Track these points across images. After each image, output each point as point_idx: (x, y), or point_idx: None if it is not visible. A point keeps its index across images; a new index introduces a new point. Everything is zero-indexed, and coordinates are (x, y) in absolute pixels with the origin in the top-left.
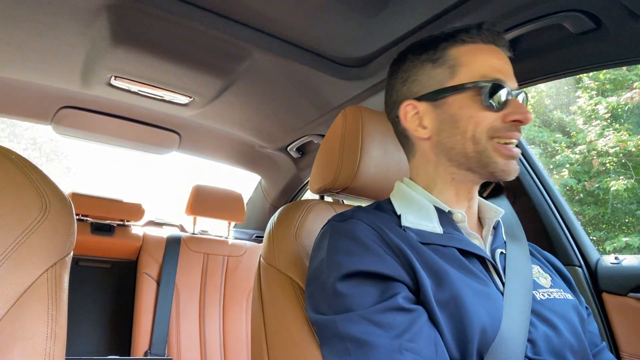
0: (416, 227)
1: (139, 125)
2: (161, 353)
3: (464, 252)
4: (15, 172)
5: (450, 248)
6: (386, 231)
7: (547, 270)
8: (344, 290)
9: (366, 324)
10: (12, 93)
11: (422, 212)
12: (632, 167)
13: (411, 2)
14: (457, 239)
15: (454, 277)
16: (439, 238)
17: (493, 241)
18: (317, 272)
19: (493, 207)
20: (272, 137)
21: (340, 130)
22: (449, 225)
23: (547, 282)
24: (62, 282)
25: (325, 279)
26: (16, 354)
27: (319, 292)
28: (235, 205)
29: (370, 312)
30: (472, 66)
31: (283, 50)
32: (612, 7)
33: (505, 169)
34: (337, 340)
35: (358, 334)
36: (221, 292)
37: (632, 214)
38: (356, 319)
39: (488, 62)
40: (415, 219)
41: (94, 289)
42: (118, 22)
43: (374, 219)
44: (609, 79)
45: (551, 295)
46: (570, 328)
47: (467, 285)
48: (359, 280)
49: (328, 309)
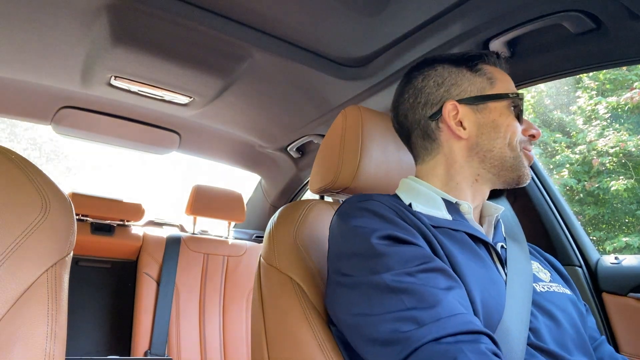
0: (427, 212)
1: (139, 125)
2: (161, 353)
3: (473, 237)
4: (15, 172)
5: (460, 232)
6: (404, 211)
7: (546, 267)
8: (382, 249)
9: (415, 279)
10: (12, 93)
11: (430, 202)
12: (632, 167)
13: (411, 2)
14: (465, 224)
15: (462, 262)
16: (448, 223)
17: (493, 236)
18: (344, 245)
19: (493, 205)
20: (272, 137)
21: (340, 130)
22: (457, 216)
23: (547, 277)
24: (62, 282)
25: (357, 245)
26: (16, 354)
27: (350, 259)
28: (235, 205)
29: (414, 270)
30: (504, 83)
31: (283, 50)
32: (612, 7)
33: (528, 174)
34: (387, 294)
35: (410, 285)
36: (221, 292)
37: (632, 214)
38: (403, 275)
39: (510, 83)
40: (424, 207)
41: (94, 289)
42: (118, 22)
43: (389, 201)
44: (609, 79)
45: (551, 289)
46: (570, 321)
47: (472, 269)
48: (394, 242)
49: (366, 271)
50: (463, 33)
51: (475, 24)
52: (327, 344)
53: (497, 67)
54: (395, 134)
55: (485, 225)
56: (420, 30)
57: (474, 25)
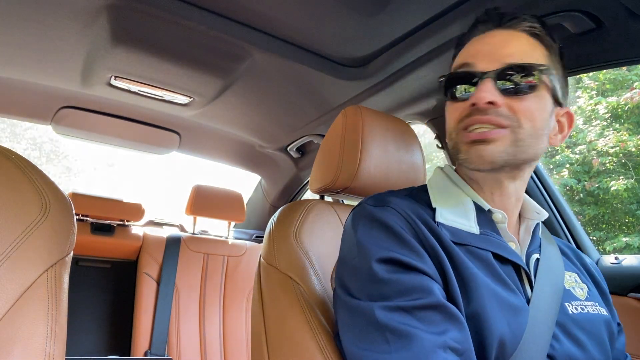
0: (451, 224)
1: (139, 125)
2: (161, 353)
3: (500, 258)
4: (15, 172)
5: (485, 251)
6: (419, 225)
7: (585, 279)
8: (381, 274)
9: (407, 316)
10: (12, 93)
11: (460, 208)
12: (632, 167)
13: (411, 2)
14: (494, 242)
15: (482, 287)
16: (474, 239)
17: (530, 243)
18: (348, 256)
19: (536, 207)
20: (272, 137)
21: (341, 130)
22: (487, 226)
23: (583, 294)
24: (62, 282)
25: (358, 262)
26: (16, 354)
27: (350, 274)
28: (235, 205)
29: (410, 305)
30: (454, 64)
31: (283, 50)
32: (612, 7)
33: (466, 157)
34: (374, 329)
35: (398, 325)
36: (221, 292)
37: (632, 214)
38: (396, 309)
39: (466, 51)
40: (451, 214)
41: (94, 289)
42: (118, 22)
43: (407, 209)
44: (609, 79)
45: (585, 310)
46: (599, 346)
47: (494, 295)
48: (395, 268)
49: (362, 293)
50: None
51: None
52: (327, 344)
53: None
54: (395, 134)
55: (522, 231)
56: (420, 30)
57: None
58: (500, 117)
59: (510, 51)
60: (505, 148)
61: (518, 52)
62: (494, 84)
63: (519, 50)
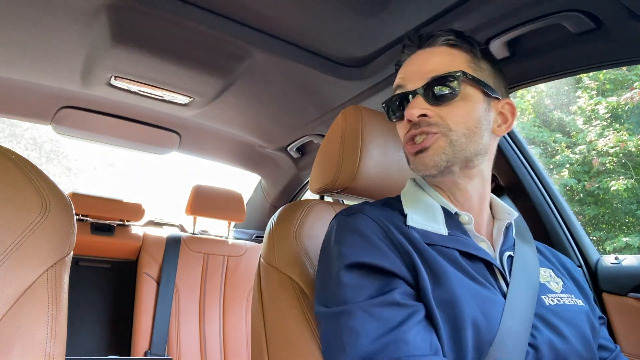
0: (421, 227)
1: (139, 125)
2: (161, 353)
3: (468, 255)
4: (15, 172)
5: (452, 250)
6: (391, 228)
7: (560, 274)
8: (346, 280)
9: (362, 315)
10: (12, 93)
11: (429, 212)
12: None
13: (411, 2)
14: (461, 241)
15: (453, 277)
16: (442, 239)
17: (503, 242)
18: (323, 264)
19: (507, 208)
20: (272, 137)
21: (341, 130)
22: (455, 228)
23: (558, 287)
24: (62, 282)
25: (331, 269)
26: (16, 354)
27: (325, 283)
28: (235, 205)
29: (366, 304)
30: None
31: (283, 50)
32: (612, 7)
33: (414, 166)
34: (336, 330)
35: (353, 325)
36: (221, 292)
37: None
38: (354, 310)
39: (398, 76)
40: (421, 219)
41: (94, 289)
42: (118, 22)
43: (379, 214)
44: (609, 79)
45: (561, 301)
46: (579, 335)
47: (465, 285)
48: (360, 272)
49: (330, 301)
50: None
51: (475, 24)
52: None
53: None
54: (395, 134)
55: (495, 231)
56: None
57: (474, 25)
58: (431, 126)
59: (431, 67)
60: (441, 151)
61: (439, 65)
62: (423, 98)
63: (439, 63)
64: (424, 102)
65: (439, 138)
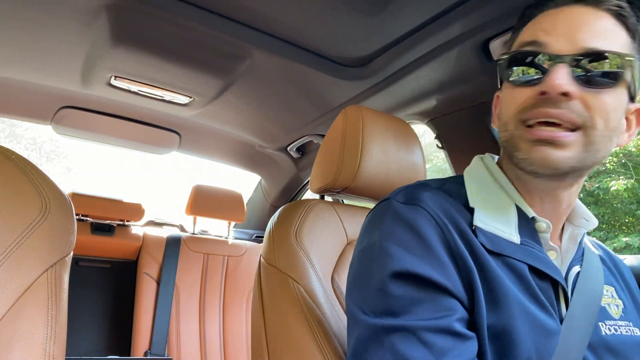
0: (490, 230)
1: (139, 125)
2: (161, 353)
3: (537, 272)
4: (15, 172)
5: (522, 264)
6: (452, 231)
7: (621, 293)
8: (394, 290)
9: (411, 339)
10: (12, 93)
11: (500, 212)
12: (632, 167)
13: (411, 2)
14: (534, 254)
15: (512, 301)
16: (513, 250)
17: (574, 255)
18: (365, 255)
19: (586, 212)
20: (272, 137)
21: (341, 130)
22: (528, 235)
23: (618, 312)
24: (62, 282)
25: (375, 268)
26: (16, 354)
27: (364, 282)
28: (235, 205)
29: (418, 326)
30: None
31: (283, 50)
32: None
33: (526, 156)
34: (377, 347)
35: (400, 347)
36: (221, 292)
37: (632, 214)
38: (402, 330)
39: (536, 27)
40: (490, 219)
41: (94, 289)
42: (118, 22)
43: (439, 209)
44: None
45: (617, 331)
46: None
47: (525, 313)
48: (412, 283)
49: (372, 307)
50: (463, 33)
51: (475, 24)
52: (326, 343)
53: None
54: (395, 134)
55: (565, 239)
56: (420, 30)
57: (474, 25)
58: (573, 113)
59: (592, 34)
60: (575, 154)
61: (600, 35)
62: (569, 70)
63: (601, 33)
64: (570, 77)
65: (578, 137)
